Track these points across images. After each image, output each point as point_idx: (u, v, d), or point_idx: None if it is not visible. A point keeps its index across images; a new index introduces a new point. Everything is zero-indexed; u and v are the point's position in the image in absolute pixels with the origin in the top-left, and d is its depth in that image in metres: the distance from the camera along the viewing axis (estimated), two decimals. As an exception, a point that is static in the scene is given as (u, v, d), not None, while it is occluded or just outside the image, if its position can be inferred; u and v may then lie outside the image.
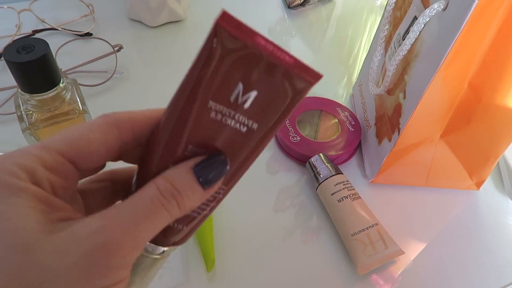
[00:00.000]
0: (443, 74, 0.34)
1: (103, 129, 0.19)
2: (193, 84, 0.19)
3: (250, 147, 0.20)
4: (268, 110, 0.20)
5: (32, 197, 0.16)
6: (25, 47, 0.35)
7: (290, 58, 0.19)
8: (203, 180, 0.19)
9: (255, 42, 0.18)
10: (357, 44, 0.70)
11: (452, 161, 0.43)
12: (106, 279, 0.16)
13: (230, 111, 0.19)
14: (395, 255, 0.38)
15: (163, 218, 0.18)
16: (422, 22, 0.34)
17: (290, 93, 0.19)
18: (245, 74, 0.19)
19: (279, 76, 0.19)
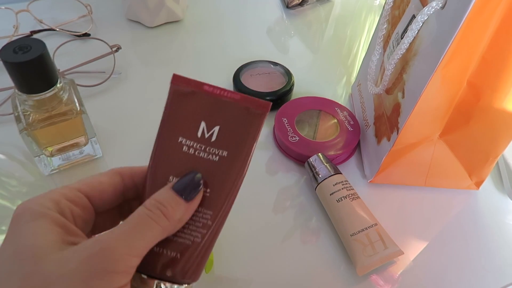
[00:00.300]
0: (442, 73, 0.34)
1: (109, 175, 0.24)
2: (163, 125, 0.24)
3: (227, 173, 0.24)
4: (233, 139, 0.24)
5: (52, 221, 0.20)
6: (22, 47, 0.35)
7: (237, 95, 0.24)
8: (184, 194, 0.22)
9: (203, 89, 0.24)
10: (356, 43, 0.70)
11: (452, 161, 0.43)
12: (104, 283, 0.18)
13: (200, 145, 0.24)
14: (394, 255, 0.38)
15: (153, 228, 0.21)
16: (421, 20, 0.34)
17: (247, 122, 0.24)
18: (203, 113, 0.24)
19: (232, 111, 0.24)
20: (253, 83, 0.54)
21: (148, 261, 0.23)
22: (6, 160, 0.45)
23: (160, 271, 0.23)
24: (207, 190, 0.24)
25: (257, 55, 0.61)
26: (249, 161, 0.24)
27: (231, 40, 0.67)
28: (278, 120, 0.48)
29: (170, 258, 0.23)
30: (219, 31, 0.69)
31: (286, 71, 0.56)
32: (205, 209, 0.24)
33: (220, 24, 0.70)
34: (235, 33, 0.69)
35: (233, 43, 0.66)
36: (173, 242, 0.23)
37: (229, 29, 0.70)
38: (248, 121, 0.24)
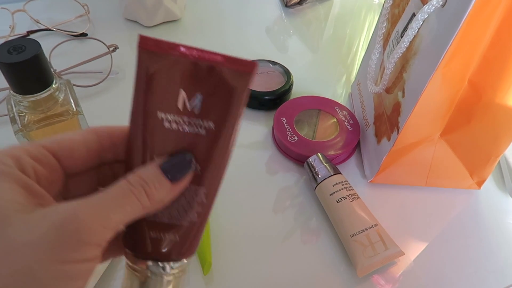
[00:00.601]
0: (443, 72, 0.33)
1: (83, 133, 0.21)
2: (137, 98, 0.21)
3: (216, 147, 0.22)
4: (218, 107, 0.21)
5: (15, 181, 0.18)
6: (16, 48, 0.35)
7: (218, 56, 0.20)
8: (170, 175, 0.21)
9: (178, 51, 0.20)
10: (356, 42, 0.69)
11: (453, 160, 0.42)
12: (75, 254, 0.17)
13: (182, 117, 0.21)
14: (395, 256, 0.38)
15: (133, 204, 0.19)
16: (421, 19, 0.34)
17: (232, 87, 0.20)
18: (181, 81, 0.20)
19: (214, 75, 0.20)
20: (251, 83, 0.53)
21: (141, 243, 0.22)
22: None
23: (154, 251, 0.22)
24: (197, 166, 0.22)
25: (256, 54, 0.61)
26: (238, 129, 0.22)
27: (229, 39, 0.66)
28: (277, 120, 0.48)
29: (168, 241, 0.22)
30: (218, 30, 0.68)
31: (285, 71, 0.55)
32: (198, 186, 0.22)
33: (218, 23, 0.70)
34: (234, 32, 0.68)
35: (231, 42, 0.66)
36: (170, 225, 0.22)
37: (227, 28, 0.69)
38: (234, 85, 0.20)
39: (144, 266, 0.22)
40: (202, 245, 0.36)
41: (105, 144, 0.22)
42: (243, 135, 0.50)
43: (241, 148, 0.48)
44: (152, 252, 0.22)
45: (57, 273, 0.16)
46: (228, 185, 0.44)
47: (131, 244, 0.23)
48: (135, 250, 0.22)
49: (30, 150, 0.19)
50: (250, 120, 0.52)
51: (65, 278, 0.17)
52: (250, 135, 0.50)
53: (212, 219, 0.40)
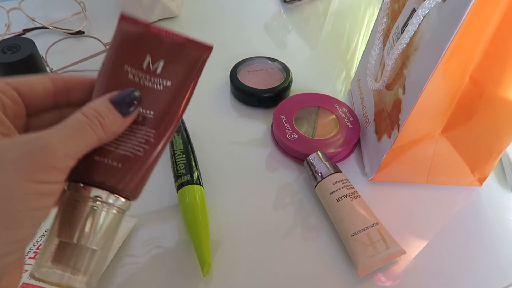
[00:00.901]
0: (444, 68, 0.33)
1: (39, 76, 0.24)
2: (110, 52, 0.25)
3: (170, 100, 0.25)
4: (177, 72, 0.25)
5: None
6: (11, 47, 0.34)
7: (180, 38, 0.25)
8: (121, 108, 0.23)
9: (149, 29, 0.25)
10: (355, 38, 0.68)
11: (454, 157, 0.42)
12: (43, 175, 0.19)
13: (145, 74, 0.25)
14: (396, 255, 0.37)
15: (89, 134, 0.21)
16: (421, 14, 0.33)
17: (189, 62, 0.26)
18: (150, 49, 0.25)
19: (176, 50, 0.25)
20: (250, 80, 0.53)
21: (88, 169, 0.23)
22: None
23: (101, 178, 0.23)
24: (151, 112, 0.25)
25: (255, 51, 0.60)
26: (192, 90, 0.26)
27: (227, 36, 0.66)
28: (276, 117, 0.47)
29: (111, 167, 0.24)
30: (215, 27, 0.67)
31: (284, 67, 0.55)
32: (148, 128, 0.25)
33: (216, 19, 0.69)
34: (232, 28, 0.68)
35: (229, 39, 0.65)
36: (115, 152, 0.24)
37: (225, 25, 0.68)
38: (191, 61, 0.26)
39: (86, 193, 0.23)
40: (201, 246, 0.36)
41: (59, 87, 0.25)
42: (242, 132, 0.49)
43: (240, 146, 0.47)
44: (97, 178, 0.23)
45: (29, 189, 0.19)
46: (227, 182, 0.44)
47: (77, 172, 0.23)
48: (80, 176, 0.23)
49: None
50: (249, 118, 0.51)
51: (35, 194, 0.19)
52: (249, 133, 0.49)
53: (211, 216, 0.40)
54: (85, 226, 0.23)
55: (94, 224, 0.23)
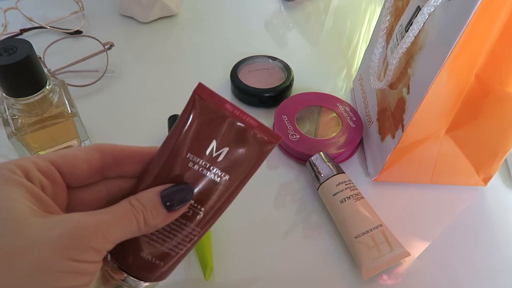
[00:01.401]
0: (450, 67, 0.32)
1: (87, 150, 0.23)
2: (175, 138, 0.24)
3: (223, 196, 0.24)
4: (238, 164, 0.24)
5: (26, 190, 0.20)
6: (7, 49, 0.33)
7: (254, 121, 0.23)
8: (168, 203, 0.23)
9: (224, 108, 0.23)
10: (356, 35, 0.68)
11: (458, 157, 0.41)
12: (82, 255, 0.20)
13: (206, 163, 0.24)
14: (400, 257, 0.37)
15: (130, 224, 0.22)
16: (427, 12, 0.33)
17: (256, 150, 0.24)
18: (217, 133, 0.23)
19: (245, 136, 0.23)
20: (251, 80, 0.52)
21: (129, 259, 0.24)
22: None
23: (137, 270, 0.24)
24: (201, 209, 0.24)
25: (255, 49, 0.59)
26: (243, 187, 0.25)
27: (227, 35, 0.65)
28: (278, 117, 0.47)
29: (152, 264, 0.24)
30: (215, 25, 0.67)
31: (285, 66, 0.54)
32: (195, 226, 0.24)
33: (216, 18, 0.68)
34: (232, 27, 0.67)
35: (229, 38, 0.64)
36: (159, 250, 0.24)
37: (225, 23, 0.68)
38: (257, 149, 0.24)
39: (121, 276, 0.24)
40: (203, 250, 0.36)
41: (107, 161, 0.24)
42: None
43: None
44: (132, 268, 0.24)
45: (66, 268, 0.19)
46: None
47: (118, 255, 0.24)
48: (118, 261, 0.24)
49: (38, 163, 0.22)
50: (250, 118, 0.50)
51: (72, 272, 0.19)
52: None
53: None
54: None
55: None
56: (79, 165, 0.23)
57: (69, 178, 0.23)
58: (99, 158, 0.24)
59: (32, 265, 0.18)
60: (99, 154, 0.24)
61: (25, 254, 0.18)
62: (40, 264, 0.19)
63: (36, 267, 0.18)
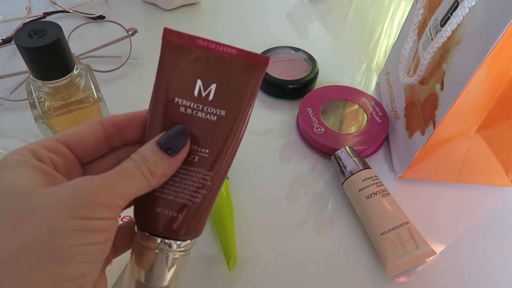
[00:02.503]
0: (490, 64, 0.31)
1: (88, 124, 0.24)
2: (159, 89, 0.23)
3: (224, 132, 0.23)
4: (231, 96, 0.23)
5: (32, 168, 0.21)
6: (37, 31, 0.33)
7: (233, 49, 0.22)
8: (168, 148, 0.22)
9: (197, 44, 0.22)
10: (378, 29, 0.66)
11: (488, 156, 0.40)
12: (90, 212, 0.19)
13: (197, 104, 0.23)
14: (426, 255, 0.36)
15: (136, 176, 0.21)
16: (467, 6, 0.31)
17: (244, 79, 0.23)
18: (199, 72, 0.23)
19: (229, 67, 0.22)
20: (275, 70, 0.51)
21: (151, 221, 0.23)
22: (19, 145, 0.43)
23: (163, 229, 0.23)
24: (206, 151, 0.23)
25: (276, 40, 0.59)
26: (248, 119, 0.24)
27: (249, 24, 0.64)
28: (303, 109, 0.46)
29: (172, 218, 0.23)
30: (237, 14, 0.66)
31: (309, 57, 0.53)
32: (205, 170, 0.23)
33: (238, 7, 0.67)
34: (253, 17, 0.66)
35: (251, 28, 0.63)
36: (174, 202, 0.23)
37: (247, 13, 0.67)
38: (247, 77, 0.23)
39: (152, 243, 0.23)
40: (227, 241, 0.35)
41: (110, 131, 0.24)
42: (266, 124, 0.48)
43: (265, 137, 0.46)
44: (160, 229, 0.23)
45: (76, 226, 0.19)
46: (252, 174, 0.43)
47: (141, 222, 0.24)
48: (145, 226, 0.24)
49: (44, 143, 0.22)
50: (273, 109, 0.50)
51: (84, 230, 0.19)
52: (273, 124, 0.48)
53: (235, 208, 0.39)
54: (154, 270, 0.24)
55: (162, 268, 0.24)
56: (84, 137, 0.23)
57: (78, 151, 0.23)
58: (101, 128, 0.24)
59: (39, 227, 0.18)
60: (100, 125, 0.24)
61: (30, 219, 0.19)
62: (47, 225, 0.18)
63: (44, 229, 0.18)
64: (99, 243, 0.20)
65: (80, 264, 0.19)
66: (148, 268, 0.24)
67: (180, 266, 0.25)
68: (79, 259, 0.19)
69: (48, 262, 0.18)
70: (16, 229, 0.18)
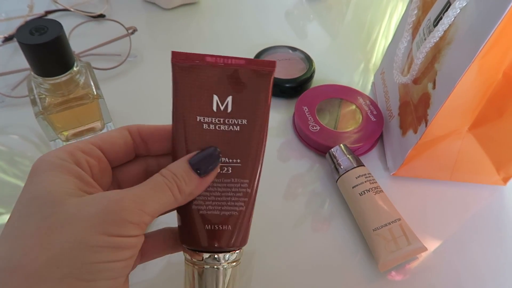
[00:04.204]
0: (480, 63, 0.32)
1: (118, 130, 0.25)
2: (175, 108, 0.24)
3: (250, 139, 0.24)
4: (248, 105, 0.24)
5: (68, 171, 0.21)
6: (38, 29, 0.34)
7: (240, 60, 0.23)
8: (199, 169, 0.23)
9: (206, 61, 0.23)
10: (376, 29, 0.67)
11: (480, 155, 0.41)
12: (118, 229, 0.20)
13: (218, 119, 0.24)
14: (418, 251, 0.37)
15: (166, 195, 0.22)
16: (458, 7, 0.32)
17: (257, 85, 0.24)
18: (213, 87, 0.24)
19: (240, 77, 0.24)
20: (272, 69, 0.52)
21: (202, 238, 0.24)
22: (21, 142, 0.45)
23: (215, 244, 0.24)
24: (237, 161, 0.24)
25: (275, 39, 0.59)
26: (268, 121, 0.25)
27: (248, 24, 0.65)
28: (299, 108, 0.47)
29: (222, 232, 0.24)
30: (236, 14, 0.67)
31: (306, 57, 0.54)
32: (240, 179, 0.24)
33: (237, 6, 0.68)
34: (253, 16, 0.67)
35: (250, 27, 0.64)
36: (220, 216, 0.24)
37: (246, 12, 0.67)
38: (258, 83, 0.24)
39: (201, 258, 0.24)
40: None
41: (136, 140, 0.25)
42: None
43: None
44: (207, 245, 0.24)
45: (103, 242, 0.19)
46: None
47: (187, 239, 0.25)
48: (191, 244, 0.25)
49: (80, 145, 0.23)
50: (271, 108, 0.50)
51: (111, 247, 0.19)
52: (270, 122, 0.48)
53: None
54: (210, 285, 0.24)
55: (216, 283, 0.25)
56: (117, 142, 0.24)
57: (110, 155, 0.24)
58: (129, 136, 0.25)
59: (68, 241, 0.19)
60: (127, 132, 0.25)
61: (61, 231, 0.19)
62: (76, 240, 0.19)
63: (73, 243, 0.19)
64: (124, 260, 0.20)
65: (105, 281, 0.20)
66: (202, 285, 0.25)
67: (234, 278, 0.25)
68: (104, 275, 0.19)
69: (73, 277, 0.19)
70: (47, 239, 0.19)
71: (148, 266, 0.35)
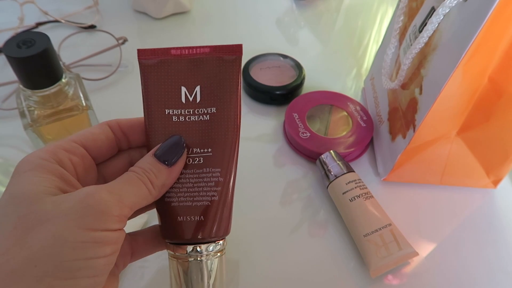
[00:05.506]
0: (464, 68, 0.32)
1: (99, 126, 0.25)
2: (145, 103, 0.24)
3: (220, 127, 0.24)
4: (216, 92, 0.24)
5: (48, 171, 0.21)
6: (26, 42, 0.34)
7: (206, 48, 0.23)
8: (166, 160, 0.23)
9: (171, 54, 0.23)
10: (367, 35, 0.68)
11: (469, 159, 0.41)
12: (98, 222, 0.19)
13: (187, 110, 0.24)
14: (409, 256, 0.37)
15: (139, 186, 0.22)
16: (442, 13, 0.33)
17: (224, 72, 0.24)
18: (180, 79, 0.24)
19: (206, 65, 0.23)
20: (263, 77, 0.52)
21: (177, 231, 0.24)
22: (15, 153, 0.45)
23: (191, 236, 0.24)
24: (209, 150, 0.24)
25: (266, 47, 0.60)
26: (240, 108, 0.24)
27: (239, 32, 0.65)
28: (289, 115, 0.47)
29: (196, 222, 0.24)
30: (227, 22, 0.67)
31: (296, 64, 0.54)
32: (212, 168, 0.24)
33: (228, 15, 0.69)
34: (244, 24, 0.67)
35: (241, 35, 0.64)
36: (192, 207, 0.24)
37: (237, 20, 0.68)
38: (226, 69, 0.24)
39: (184, 252, 0.24)
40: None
41: (117, 134, 0.25)
42: (253, 129, 0.49)
43: (251, 143, 0.47)
44: (186, 237, 0.24)
45: (84, 237, 0.19)
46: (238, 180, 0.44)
47: (166, 233, 0.24)
48: (171, 237, 0.24)
49: (63, 144, 0.23)
50: (261, 115, 0.51)
51: (92, 242, 0.19)
52: (260, 130, 0.49)
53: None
54: (193, 278, 0.24)
55: (201, 274, 0.24)
56: (99, 138, 0.24)
57: (93, 152, 0.24)
58: (109, 131, 0.25)
59: (46, 238, 0.18)
60: (108, 127, 0.25)
61: (39, 229, 0.18)
62: (54, 237, 0.18)
63: (51, 240, 0.18)
64: (105, 256, 0.20)
65: (85, 279, 0.19)
66: (187, 279, 0.24)
67: (220, 269, 0.25)
68: (84, 273, 0.19)
69: (52, 275, 0.18)
70: (24, 238, 0.18)
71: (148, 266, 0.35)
